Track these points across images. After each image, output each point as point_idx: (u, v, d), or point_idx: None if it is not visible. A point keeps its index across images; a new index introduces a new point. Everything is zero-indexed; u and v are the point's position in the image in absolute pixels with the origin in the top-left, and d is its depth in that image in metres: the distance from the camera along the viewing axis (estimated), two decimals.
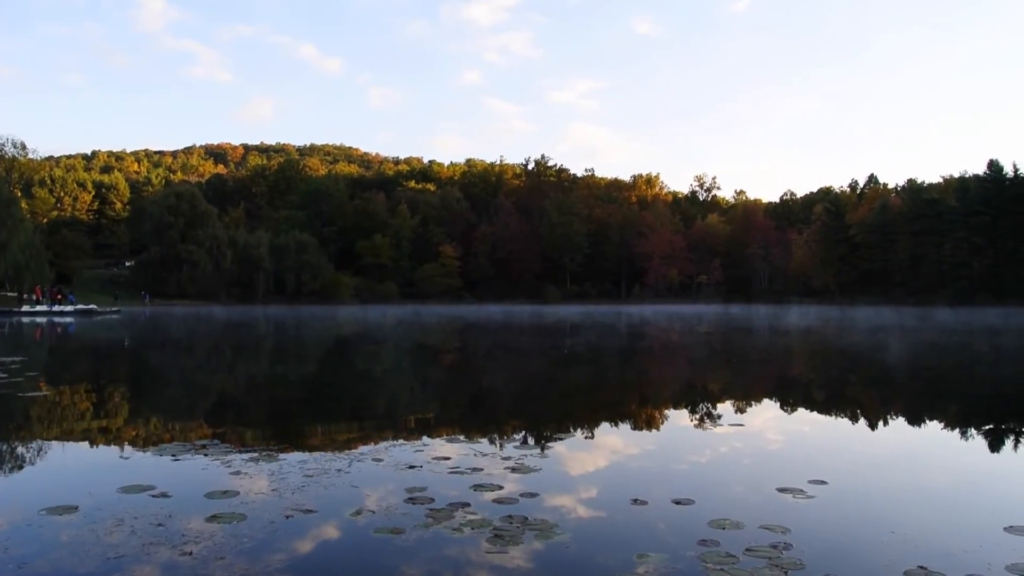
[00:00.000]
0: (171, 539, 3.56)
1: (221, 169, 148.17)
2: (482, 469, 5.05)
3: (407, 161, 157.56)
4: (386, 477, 4.88)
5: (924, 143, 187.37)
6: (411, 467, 5.13)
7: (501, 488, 4.52)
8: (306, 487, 4.59)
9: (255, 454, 5.58)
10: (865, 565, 3.30)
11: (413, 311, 58.91)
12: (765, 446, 6.30)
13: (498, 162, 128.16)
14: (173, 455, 5.55)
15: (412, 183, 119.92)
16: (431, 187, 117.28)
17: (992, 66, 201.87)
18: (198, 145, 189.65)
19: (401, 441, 6.25)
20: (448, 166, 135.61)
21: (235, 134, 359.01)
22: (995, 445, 6.61)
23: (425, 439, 6.31)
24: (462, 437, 6.37)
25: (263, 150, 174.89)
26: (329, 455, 5.60)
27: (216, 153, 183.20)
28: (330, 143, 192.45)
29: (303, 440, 6.55)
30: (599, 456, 5.79)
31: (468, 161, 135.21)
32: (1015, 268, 78.68)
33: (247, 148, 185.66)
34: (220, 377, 12.78)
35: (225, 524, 3.81)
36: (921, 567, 3.21)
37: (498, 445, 6.02)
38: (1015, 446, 6.62)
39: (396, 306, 78.47)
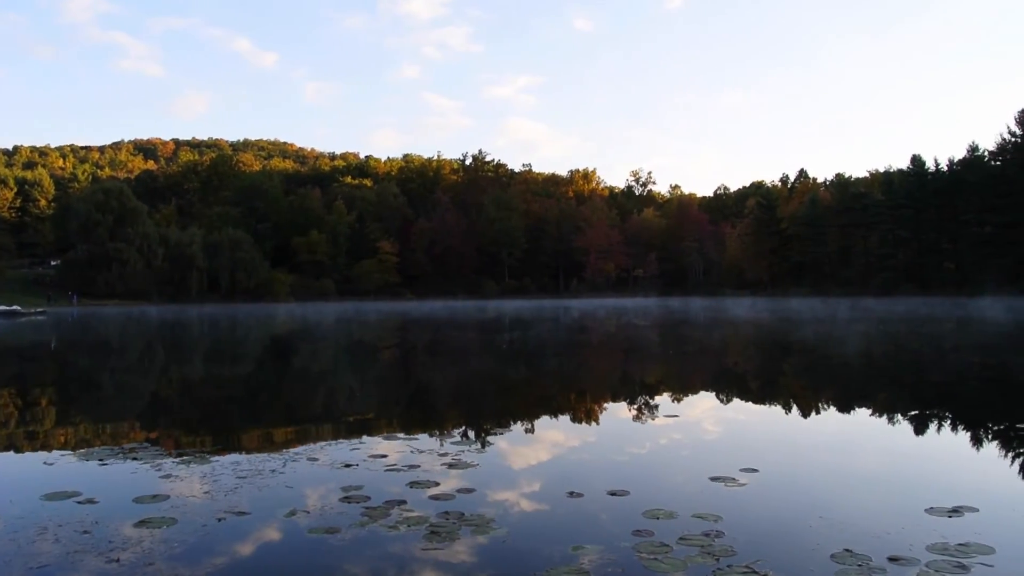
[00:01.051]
0: (98, 546, 3.47)
1: (151, 165, 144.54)
2: (419, 466, 5.04)
3: (343, 156, 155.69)
4: (322, 476, 4.83)
5: (851, 138, 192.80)
6: (347, 466, 5.09)
7: (438, 485, 4.51)
8: (239, 489, 4.51)
9: (187, 457, 5.46)
10: (794, 550, 3.39)
11: (351, 308, 58.36)
12: (699, 436, 6.41)
13: (435, 157, 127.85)
14: (100, 460, 5.40)
15: (349, 179, 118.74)
16: (368, 183, 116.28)
17: (914, 64, 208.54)
18: (127, 140, 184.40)
19: (338, 440, 6.19)
20: (385, 161, 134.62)
21: (166, 129, 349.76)
22: (920, 429, 6.83)
23: (362, 437, 6.26)
24: (400, 434, 6.33)
25: (195, 145, 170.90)
26: (263, 456, 5.52)
27: (146, 148, 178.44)
28: (264, 138, 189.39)
29: (237, 441, 6.45)
30: (537, 450, 5.82)
31: (405, 156, 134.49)
32: (937, 259, 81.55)
33: (178, 143, 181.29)
34: (152, 379, 12.48)
35: (155, 529, 3.73)
36: (847, 550, 3.30)
37: (436, 442, 6.00)
38: (939, 429, 6.87)
39: (333, 303, 77.65)
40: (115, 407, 8.97)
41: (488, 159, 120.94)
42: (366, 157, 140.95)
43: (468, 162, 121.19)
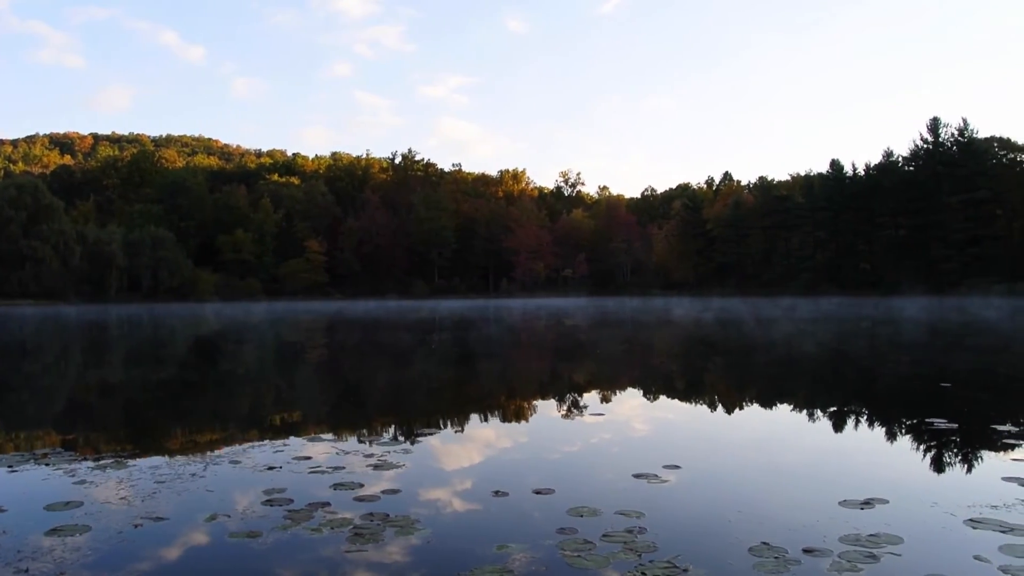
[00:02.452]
0: (5, 557, 3.33)
1: (68, 160, 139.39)
2: (345, 468, 4.98)
3: (270, 154, 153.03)
4: (244, 480, 4.74)
5: (775, 142, 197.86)
6: (270, 468, 5.00)
7: (363, 486, 4.47)
8: (157, 494, 4.39)
9: (103, 461, 5.29)
10: (713, 544, 3.46)
11: (277, 308, 57.39)
12: (625, 434, 6.50)
13: (364, 156, 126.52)
14: (9, 466, 5.18)
15: (275, 176, 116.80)
16: (296, 181, 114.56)
17: (835, 70, 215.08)
18: (42, 134, 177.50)
19: (262, 442, 6.08)
20: (313, 159, 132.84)
21: (84, 123, 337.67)
22: (837, 425, 7.05)
23: (287, 439, 6.17)
24: (326, 436, 6.26)
25: (115, 140, 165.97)
26: (183, 459, 5.38)
27: (62, 143, 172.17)
28: (188, 134, 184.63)
29: (157, 445, 6.27)
30: (464, 450, 5.82)
31: (334, 155, 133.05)
32: (854, 260, 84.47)
33: (97, 138, 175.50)
34: (68, 381, 12.05)
35: (67, 537, 3.60)
36: (764, 543, 3.39)
37: (362, 443, 5.95)
38: (855, 425, 7.10)
39: (259, 303, 76.25)
40: (27, 411, 8.62)
41: (418, 158, 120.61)
42: (294, 155, 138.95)
43: (398, 161, 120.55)
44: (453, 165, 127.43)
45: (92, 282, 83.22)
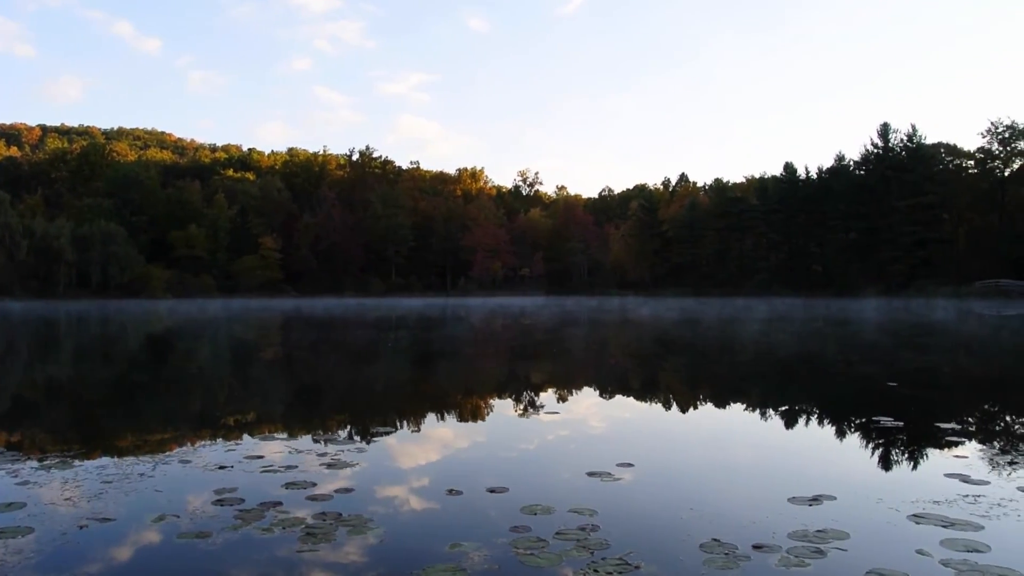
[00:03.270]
0: None
1: (15, 152, 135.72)
2: (297, 467, 4.93)
3: (225, 148, 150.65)
4: (194, 479, 4.67)
5: (730, 145, 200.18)
6: (221, 468, 4.93)
7: (315, 485, 4.43)
8: (104, 494, 4.30)
9: (48, 462, 5.16)
10: (665, 541, 3.50)
11: (231, 305, 56.62)
12: (579, 432, 6.53)
13: (322, 152, 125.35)
14: None
15: (230, 172, 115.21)
16: (251, 176, 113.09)
17: (789, 73, 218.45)
18: None
19: (213, 441, 5.99)
20: (269, 155, 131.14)
21: (32, 114, 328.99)
22: (789, 423, 7.18)
23: (239, 439, 6.09)
24: (279, 435, 6.19)
25: (64, 132, 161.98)
26: (132, 459, 5.28)
27: (9, 134, 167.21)
28: (141, 127, 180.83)
29: (105, 445, 6.14)
30: (418, 449, 5.80)
31: (290, 150, 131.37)
32: (806, 262, 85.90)
33: (45, 129, 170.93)
34: (12, 379, 11.74)
35: (8, 539, 3.51)
36: (715, 539, 3.44)
37: (316, 442, 5.90)
38: (806, 423, 7.23)
39: (213, 300, 75.15)
40: None
41: (376, 155, 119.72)
42: (249, 150, 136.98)
43: (355, 158, 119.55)
44: (411, 163, 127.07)
45: (39, 277, 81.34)
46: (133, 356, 15.94)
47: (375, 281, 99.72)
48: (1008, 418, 7.66)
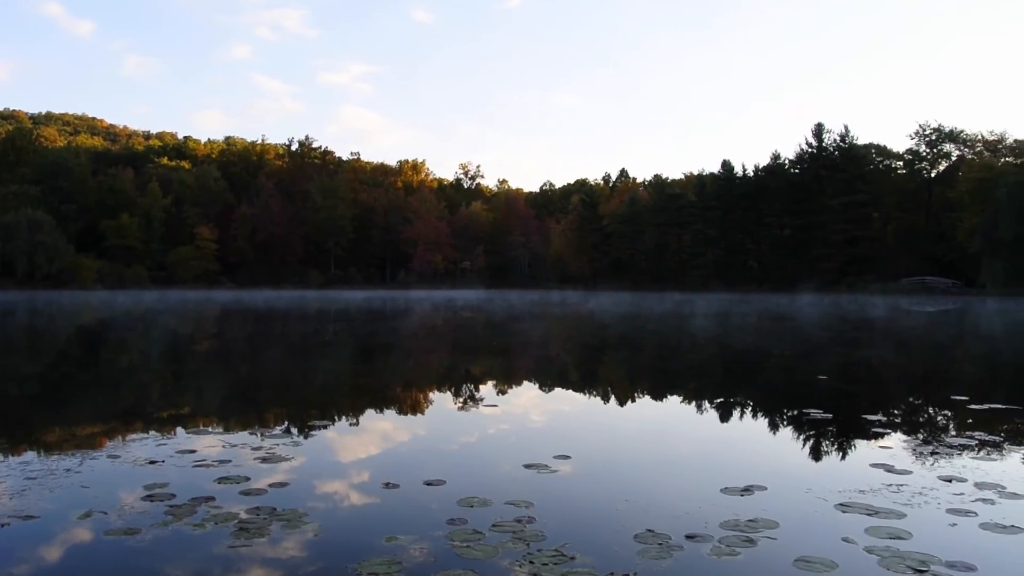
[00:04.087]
0: None
1: None
2: (231, 461, 4.85)
3: (159, 136, 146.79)
4: (122, 475, 4.55)
5: (670, 142, 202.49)
6: (152, 463, 4.82)
7: (249, 480, 4.37)
8: (28, 491, 4.17)
9: None
10: (600, 532, 3.54)
11: (165, 296, 55.35)
12: (517, 425, 6.56)
13: (260, 141, 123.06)
14: None
15: (165, 160, 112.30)
16: (186, 165, 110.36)
17: (725, 73, 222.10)
18: None
19: (144, 436, 5.85)
20: (205, 143, 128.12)
21: None
22: (723, 416, 7.31)
23: (171, 433, 5.96)
24: (212, 429, 6.08)
25: None
26: (58, 455, 5.13)
27: None
28: (71, 112, 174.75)
29: (29, 440, 5.96)
30: (355, 443, 5.76)
31: (227, 139, 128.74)
32: (742, 258, 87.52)
33: None
34: None
35: None
36: (649, 530, 3.49)
37: (252, 436, 5.80)
38: (740, 416, 7.37)
39: (146, 291, 73.34)
40: None
41: (315, 145, 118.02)
42: (185, 138, 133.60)
43: (294, 148, 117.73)
44: (352, 154, 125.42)
45: None
46: (62, 349, 15.47)
47: (314, 273, 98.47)
48: (931, 410, 7.93)
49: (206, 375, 10.92)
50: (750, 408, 7.94)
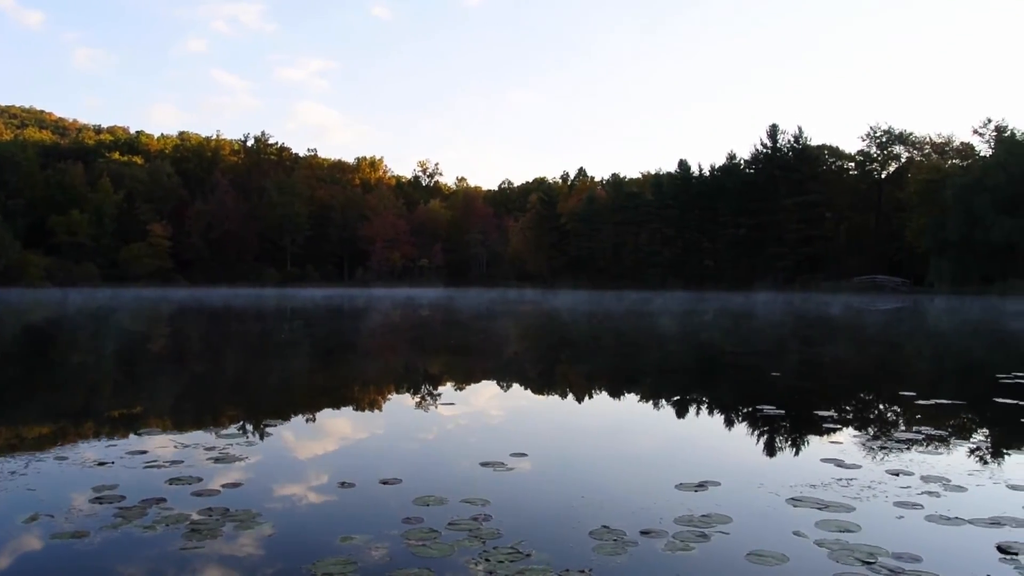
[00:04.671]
0: None
1: None
2: (183, 462, 4.76)
3: (111, 130, 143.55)
4: (70, 476, 4.45)
5: (628, 141, 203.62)
6: (101, 464, 4.72)
7: (201, 480, 4.30)
8: None
9: None
10: (556, 529, 3.55)
11: (117, 295, 54.33)
12: (475, 423, 6.56)
13: (215, 136, 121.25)
14: None
15: (117, 155, 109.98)
16: (139, 160, 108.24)
17: (683, 72, 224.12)
18: None
19: (93, 437, 5.74)
20: (159, 138, 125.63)
21: None
22: (680, 412, 7.39)
23: (122, 434, 5.85)
24: (164, 430, 5.98)
25: None
26: (2, 457, 5.00)
27: None
28: (17, 104, 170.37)
29: None
30: (311, 442, 5.71)
31: (181, 134, 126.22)
32: (698, 257, 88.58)
33: None
34: None
35: None
36: (604, 526, 3.51)
37: (205, 436, 5.72)
38: (697, 413, 7.46)
39: (98, 289, 71.91)
40: None
41: (271, 141, 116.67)
42: (137, 132, 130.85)
43: (250, 144, 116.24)
44: (309, 150, 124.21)
45: None
46: (8, 349, 15.10)
47: (270, 271, 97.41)
48: (881, 406, 8.10)
49: (159, 375, 10.74)
50: (706, 405, 8.04)
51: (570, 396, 8.80)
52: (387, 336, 18.50)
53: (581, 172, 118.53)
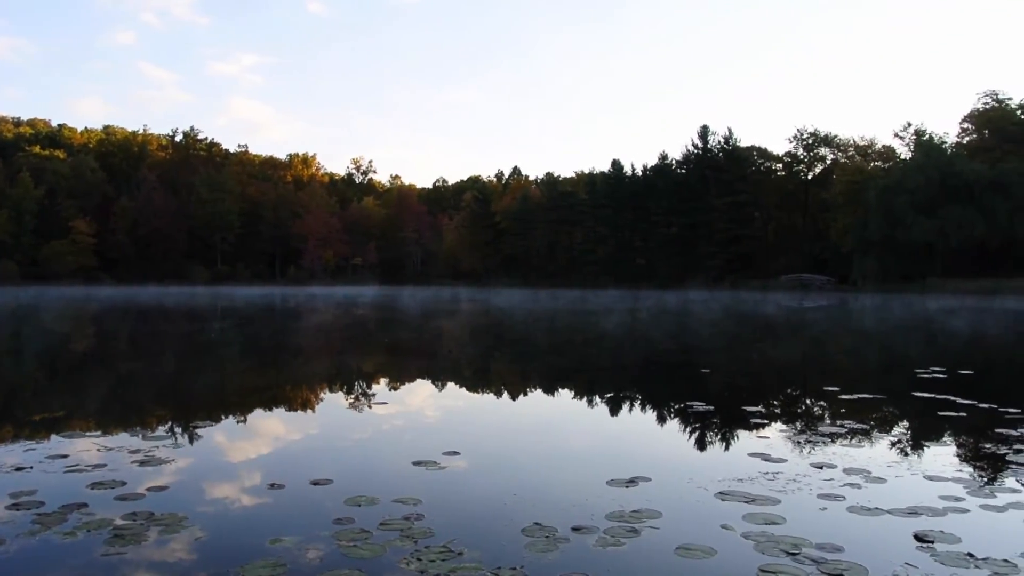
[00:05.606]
0: None
1: None
2: (106, 465, 4.62)
3: (31, 123, 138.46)
4: None
5: (562, 140, 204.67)
6: (19, 469, 4.55)
7: (125, 484, 4.18)
8: None
9: None
10: (488, 527, 3.56)
11: (44, 293, 52.49)
12: (408, 422, 6.52)
13: (142, 131, 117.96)
14: None
15: (37, 148, 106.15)
16: (61, 154, 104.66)
17: (617, 73, 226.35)
18: None
19: (10, 441, 5.54)
20: (82, 132, 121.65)
21: None
22: (613, 409, 7.48)
23: (42, 437, 5.65)
24: (87, 433, 5.79)
25: None
26: None
27: None
28: None
29: None
30: (240, 443, 5.61)
31: (106, 128, 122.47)
32: (631, 255, 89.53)
33: None
34: None
35: None
36: (536, 523, 3.53)
37: (130, 439, 5.56)
38: (630, 409, 7.56)
39: (18, 288, 69.35)
40: None
41: (201, 137, 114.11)
42: (59, 126, 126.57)
43: (179, 139, 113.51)
44: (240, 146, 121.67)
45: None
46: None
47: (199, 269, 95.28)
48: (807, 401, 8.32)
49: (83, 376, 10.40)
50: (638, 402, 8.15)
51: (504, 394, 8.82)
52: (320, 335, 18.27)
53: (516, 171, 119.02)
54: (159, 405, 7.77)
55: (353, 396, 8.24)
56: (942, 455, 5.21)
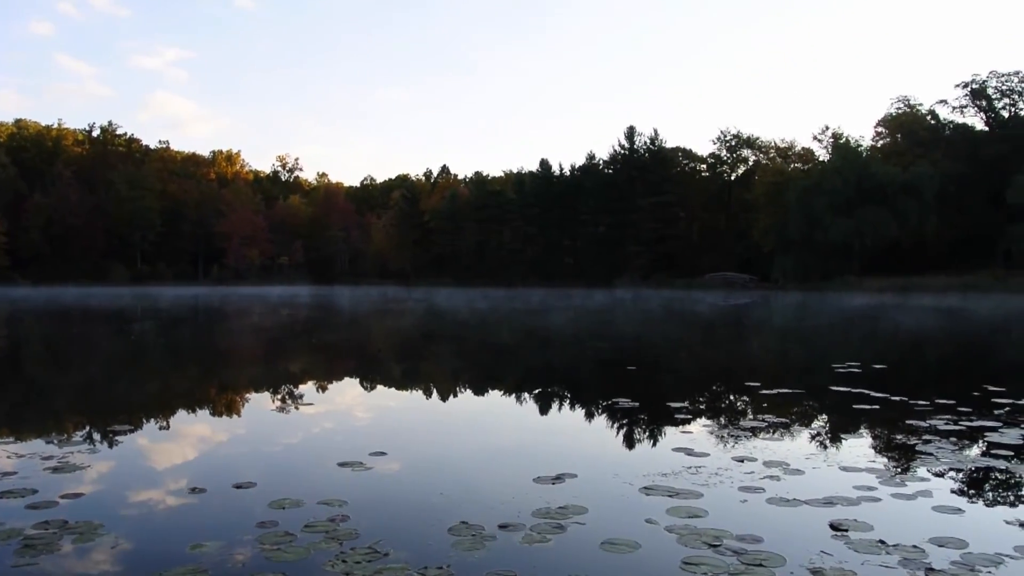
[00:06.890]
0: None
1: None
2: (17, 473, 4.44)
3: None
4: None
5: (490, 139, 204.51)
6: None
7: (37, 492, 4.03)
8: None
9: None
10: (415, 527, 3.54)
11: None
12: (334, 423, 6.46)
13: (56, 125, 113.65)
14: None
15: None
16: None
17: (546, 73, 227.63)
18: None
19: None
20: None
21: None
22: (542, 407, 7.54)
23: None
24: None
25: None
26: None
27: None
28: None
29: None
30: (160, 448, 5.47)
31: (18, 122, 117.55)
32: (559, 255, 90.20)
33: None
34: None
35: None
36: (463, 522, 3.53)
37: (42, 445, 5.36)
38: (556, 407, 7.63)
39: None
40: None
41: (120, 132, 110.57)
42: None
43: (96, 134, 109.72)
44: (161, 142, 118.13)
45: None
46: None
47: (118, 268, 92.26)
48: (730, 396, 8.52)
49: None
50: (565, 399, 8.22)
51: (432, 394, 8.80)
52: (244, 336, 17.92)
53: (444, 170, 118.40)
54: (75, 410, 7.51)
55: (278, 398, 8.10)
56: (857, 447, 5.39)
